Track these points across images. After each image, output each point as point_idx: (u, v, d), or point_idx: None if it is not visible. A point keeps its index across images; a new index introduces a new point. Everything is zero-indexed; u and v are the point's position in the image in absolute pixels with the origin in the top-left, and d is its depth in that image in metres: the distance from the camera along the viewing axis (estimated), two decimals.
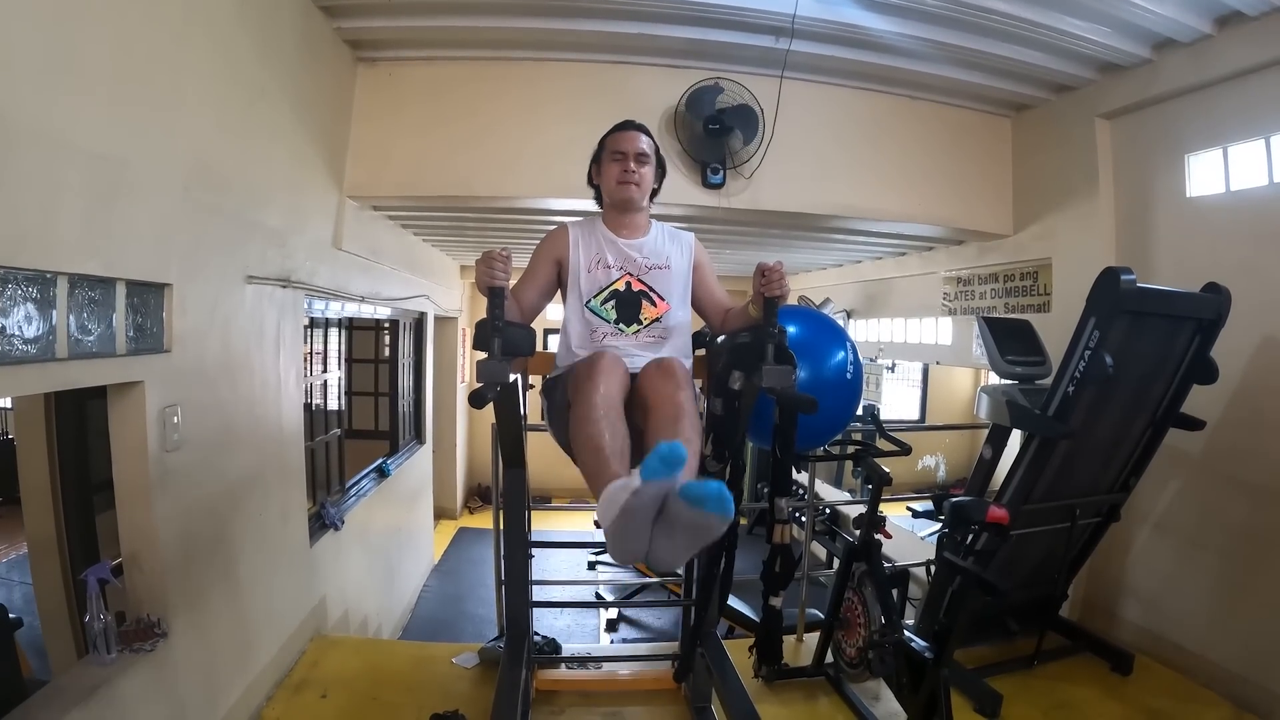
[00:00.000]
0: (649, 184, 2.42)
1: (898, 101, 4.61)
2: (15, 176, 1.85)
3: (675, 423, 1.91)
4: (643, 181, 2.38)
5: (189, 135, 2.67)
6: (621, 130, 2.42)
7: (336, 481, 5.29)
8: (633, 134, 2.40)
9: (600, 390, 1.94)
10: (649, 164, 2.40)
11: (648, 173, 2.40)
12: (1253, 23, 3.30)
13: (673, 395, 1.97)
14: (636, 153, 2.37)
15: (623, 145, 2.38)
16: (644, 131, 2.43)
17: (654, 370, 2.09)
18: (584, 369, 2.06)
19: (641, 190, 2.39)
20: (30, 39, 1.89)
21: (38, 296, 1.95)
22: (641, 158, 2.38)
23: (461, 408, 10.16)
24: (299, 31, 3.51)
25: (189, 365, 2.71)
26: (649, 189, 2.43)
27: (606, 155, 2.42)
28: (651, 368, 2.11)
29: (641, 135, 2.41)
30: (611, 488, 1.55)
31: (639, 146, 2.38)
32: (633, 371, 2.16)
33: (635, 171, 2.36)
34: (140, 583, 2.57)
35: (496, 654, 3.43)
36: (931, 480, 8.78)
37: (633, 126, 2.43)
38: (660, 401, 1.97)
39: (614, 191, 2.39)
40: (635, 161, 2.36)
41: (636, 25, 3.84)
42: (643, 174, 2.38)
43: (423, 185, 4.29)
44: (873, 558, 3.22)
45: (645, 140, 2.41)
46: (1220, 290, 3.11)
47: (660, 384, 2.02)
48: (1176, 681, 3.54)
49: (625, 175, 2.36)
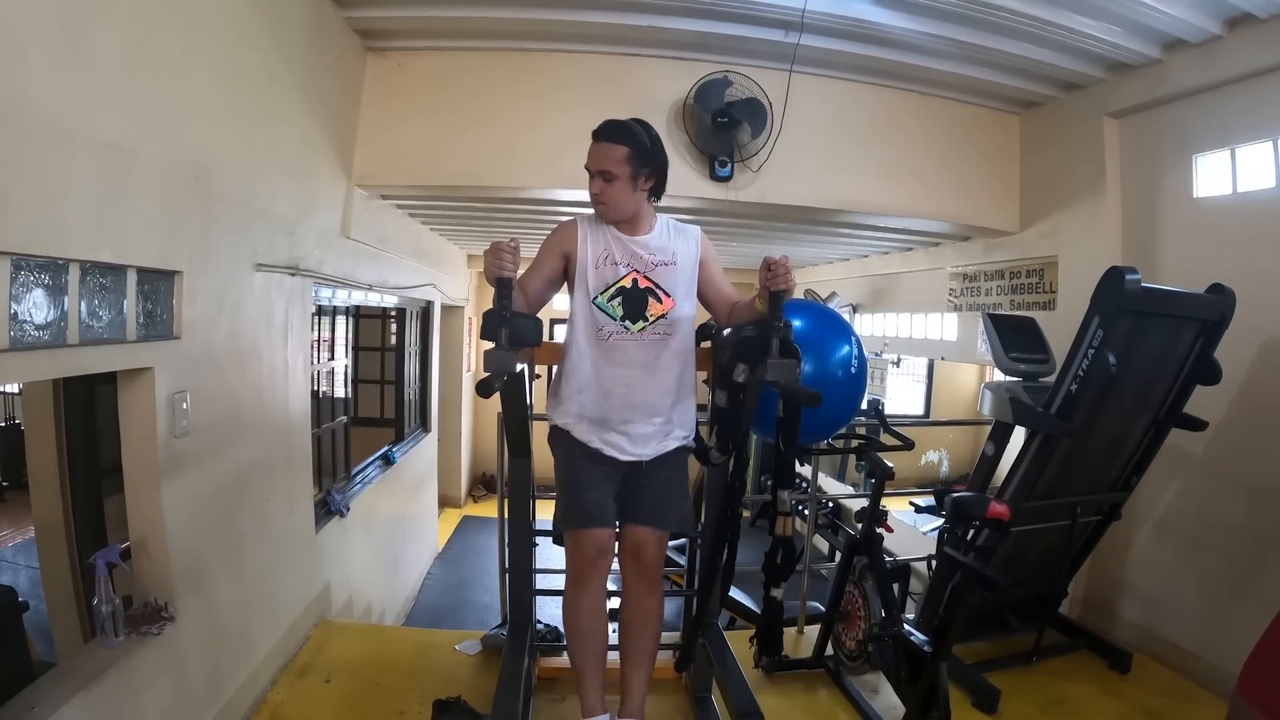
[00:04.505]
0: (621, 199, 2.28)
1: (906, 97, 4.59)
2: (28, 165, 1.87)
3: (634, 669, 2.43)
4: (611, 200, 2.27)
5: (200, 124, 2.69)
6: (594, 139, 2.29)
7: (342, 469, 5.33)
8: (599, 147, 2.26)
9: (586, 606, 2.37)
10: (616, 180, 2.24)
11: (616, 189, 2.25)
12: (1262, 25, 3.29)
13: (640, 629, 2.43)
14: (598, 170, 2.25)
15: (589, 159, 2.28)
16: (616, 138, 2.26)
17: (632, 576, 2.42)
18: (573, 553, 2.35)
19: (612, 207, 2.29)
20: (44, 29, 1.90)
21: (49, 283, 1.97)
22: (606, 175, 2.24)
23: (467, 396, 10.20)
24: (309, 21, 3.52)
25: (198, 352, 2.74)
26: (624, 203, 2.29)
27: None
28: (631, 571, 2.42)
29: (610, 146, 2.25)
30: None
31: (601, 165, 2.24)
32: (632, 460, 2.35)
33: (599, 192, 2.26)
34: (148, 567, 2.59)
35: (499, 641, 3.45)
36: (935, 476, 8.76)
37: (603, 134, 2.27)
38: (629, 629, 2.45)
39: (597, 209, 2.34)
40: (600, 179, 2.25)
41: (646, 17, 3.83)
42: (610, 191, 2.25)
43: (431, 174, 4.31)
44: (874, 551, 3.23)
45: (616, 150, 2.24)
46: (1225, 291, 3.10)
47: (633, 600, 2.45)
48: (1174, 681, 3.55)
49: (592, 196, 2.28)
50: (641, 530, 2.36)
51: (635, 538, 2.37)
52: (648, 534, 2.36)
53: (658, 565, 2.41)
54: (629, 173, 2.25)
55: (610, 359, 2.29)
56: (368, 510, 5.51)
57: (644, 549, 2.36)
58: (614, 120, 2.30)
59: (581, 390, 2.31)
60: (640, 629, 2.42)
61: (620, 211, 2.30)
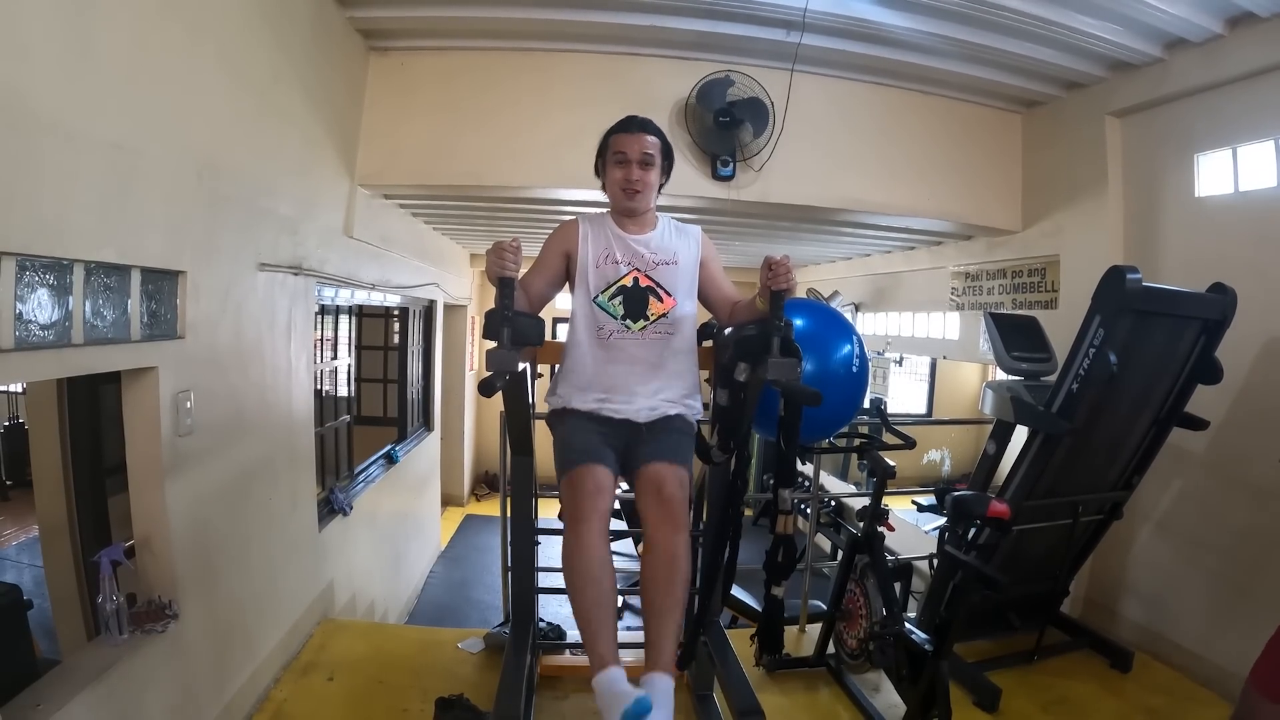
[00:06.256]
0: (655, 187, 2.34)
1: (908, 96, 4.60)
2: (33, 165, 1.88)
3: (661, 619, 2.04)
4: (647, 188, 2.30)
5: (203, 124, 2.70)
6: (624, 130, 2.31)
7: (345, 467, 5.34)
8: (636, 136, 2.29)
9: (588, 548, 2.03)
10: (654, 166, 2.30)
11: (653, 176, 2.31)
12: (1264, 24, 3.29)
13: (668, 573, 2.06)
14: (640, 157, 2.28)
15: (625, 147, 2.28)
16: (648, 130, 2.31)
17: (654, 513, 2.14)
18: (569, 494, 2.12)
19: (646, 196, 2.31)
20: (49, 30, 1.91)
21: (54, 283, 1.98)
22: (646, 161, 2.28)
23: (469, 395, 10.20)
24: (312, 21, 3.53)
25: (202, 351, 2.75)
26: (651, 194, 2.33)
27: (610, 155, 2.32)
28: (652, 507, 2.14)
29: (646, 136, 2.30)
30: (601, 688, 1.88)
31: (643, 150, 2.28)
32: (633, 420, 2.26)
33: (639, 179, 2.27)
34: (152, 565, 2.60)
35: (502, 639, 3.47)
36: (936, 475, 8.77)
37: (636, 125, 2.31)
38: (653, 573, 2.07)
39: (617, 199, 2.33)
40: (639, 166, 2.27)
41: (648, 17, 3.84)
42: (647, 180, 2.29)
43: (433, 174, 4.32)
44: (875, 550, 3.24)
45: (650, 140, 2.30)
46: (1226, 291, 3.11)
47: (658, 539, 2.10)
48: (1175, 680, 3.56)
49: (629, 183, 2.27)
50: (657, 465, 2.20)
51: (652, 472, 2.19)
52: (664, 467, 2.19)
53: (681, 501, 2.19)
54: (660, 163, 2.33)
55: (612, 358, 2.29)
56: (371, 509, 5.52)
57: (665, 483, 2.16)
58: (639, 116, 2.35)
59: (582, 389, 2.31)
60: (669, 572, 2.07)
61: (648, 202, 2.34)
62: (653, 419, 2.29)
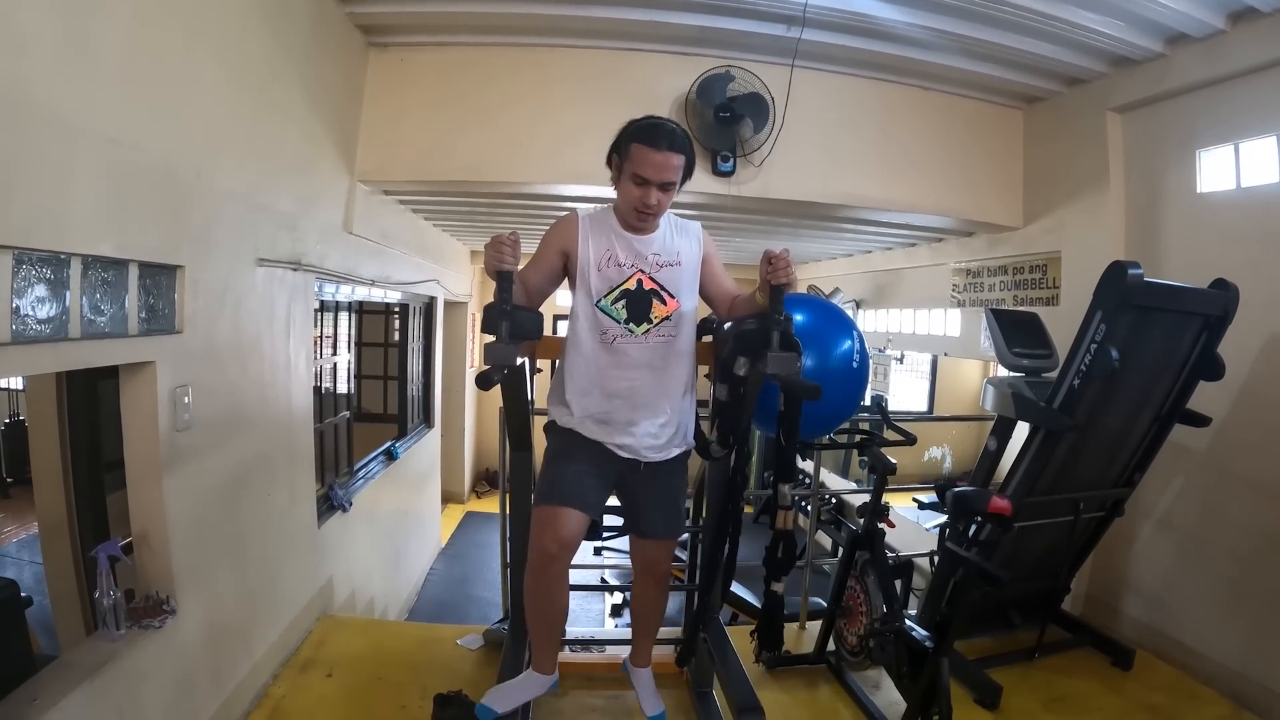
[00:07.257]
0: (668, 205, 2.23)
1: (909, 92, 4.58)
2: (30, 160, 1.87)
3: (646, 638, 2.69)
4: (662, 211, 2.22)
5: (201, 118, 2.69)
6: (651, 145, 2.10)
7: (345, 464, 5.34)
8: (665, 156, 2.11)
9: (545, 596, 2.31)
10: (674, 187, 2.18)
11: (670, 197, 2.19)
12: (1266, 19, 3.28)
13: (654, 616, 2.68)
14: (662, 183, 2.14)
15: (648, 171, 2.11)
16: (676, 147, 2.13)
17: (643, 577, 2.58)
18: (542, 529, 2.19)
19: (658, 218, 2.24)
20: (46, 23, 1.90)
21: (51, 277, 1.98)
22: (666, 186, 2.15)
23: (470, 392, 10.21)
24: (311, 16, 3.51)
25: (200, 346, 2.74)
26: (665, 211, 2.26)
27: (629, 170, 2.14)
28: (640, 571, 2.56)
29: (675, 156, 2.12)
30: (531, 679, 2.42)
31: (668, 175, 2.13)
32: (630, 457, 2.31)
33: (657, 204, 2.16)
34: (150, 560, 2.60)
35: (501, 636, 3.46)
36: (937, 471, 8.75)
37: (664, 143, 2.11)
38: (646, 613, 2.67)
39: (628, 214, 2.21)
40: (659, 190, 2.14)
41: (647, 12, 3.83)
42: (665, 204, 2.19)
43: (433, 170, 4.30)
44: (876, 547, 3.23)
45: (676, 162, 2.13)
46: (1228, 287, 3.09)
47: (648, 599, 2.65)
48: (1177, 678, 3.55)
49: (645, 207, 2.16)
50: (654, 545, 2.48)
51: (649, 554, 2.50)
52: (659, 546, 2.48)
53: (669, 571, 2.62)
54: (679, 182, 2.20)
55: (616, 362, 2.26)
56: (371, 505, 5.52)
57: (658, 564, 2.52)
58: (669, 125, 2.18)
59: (585, 393, 2.27)
60: (652, 615, 2.66)
61: (659, 222, 2.28)
62: (655, 460, 2.33)
